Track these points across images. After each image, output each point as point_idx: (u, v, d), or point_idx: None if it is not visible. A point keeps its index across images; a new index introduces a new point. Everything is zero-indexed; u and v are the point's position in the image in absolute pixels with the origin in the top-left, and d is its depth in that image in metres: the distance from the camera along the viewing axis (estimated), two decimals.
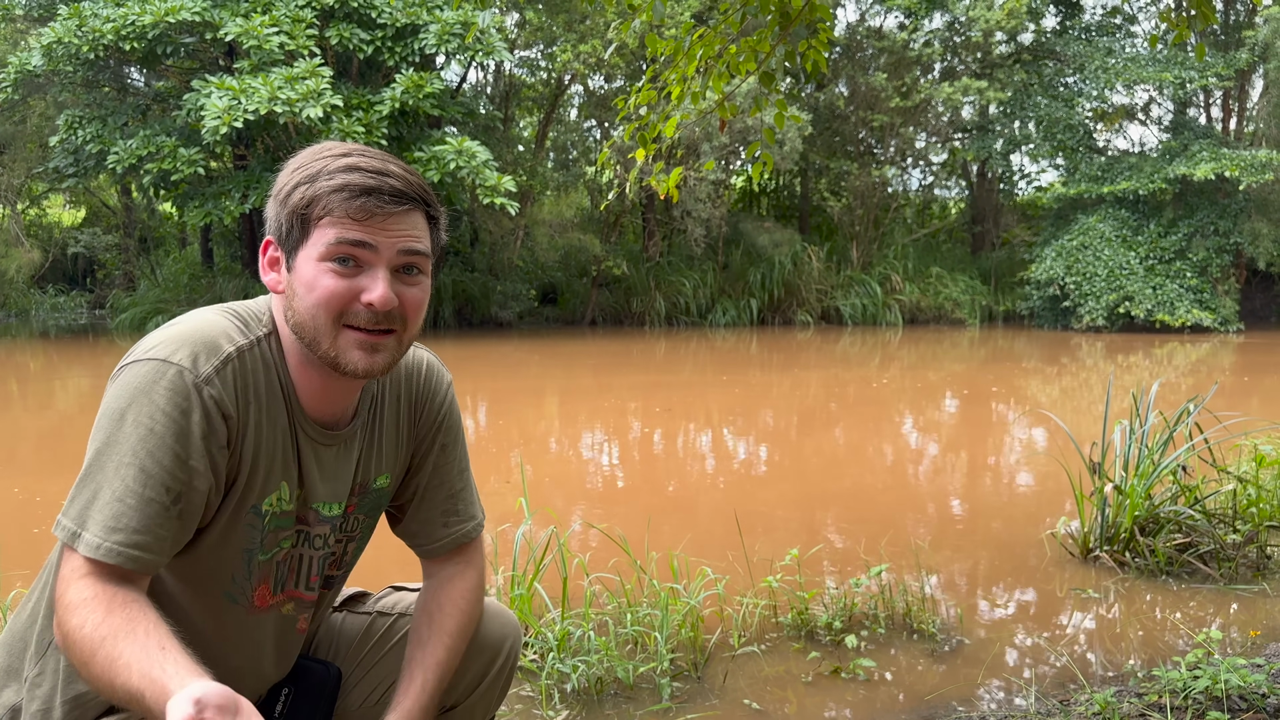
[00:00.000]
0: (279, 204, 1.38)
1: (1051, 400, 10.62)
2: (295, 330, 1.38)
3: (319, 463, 1.47)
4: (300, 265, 1.35)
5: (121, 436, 1.28)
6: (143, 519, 1.27)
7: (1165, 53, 20.17)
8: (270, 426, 1.40)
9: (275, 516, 1.44)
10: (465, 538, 1.68)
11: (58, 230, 26.99)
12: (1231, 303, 19.22)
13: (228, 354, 1.34)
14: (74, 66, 16.05)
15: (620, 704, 2.88)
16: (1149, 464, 4.18)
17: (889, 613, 3.53)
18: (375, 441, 1.56)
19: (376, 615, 1.73)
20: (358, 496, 1.56)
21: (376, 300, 1.32)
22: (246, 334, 1.39)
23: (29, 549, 4.71)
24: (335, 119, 14.99)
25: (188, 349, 1.32)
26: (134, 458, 1.28)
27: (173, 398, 1.29)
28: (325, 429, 1.47)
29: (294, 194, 1.35)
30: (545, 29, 19.10)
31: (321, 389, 1.44)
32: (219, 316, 1.39)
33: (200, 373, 1.31)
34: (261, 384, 1.39)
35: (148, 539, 1.28)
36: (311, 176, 1.34)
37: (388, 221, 1.33)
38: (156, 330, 1.37)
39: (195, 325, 1.35)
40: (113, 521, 1.26)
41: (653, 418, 9.61)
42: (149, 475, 1.27)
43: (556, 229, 20.76)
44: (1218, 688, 2.74)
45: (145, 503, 1.27)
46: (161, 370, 1.30)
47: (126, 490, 1.27)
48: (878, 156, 22.58)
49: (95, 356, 15.55)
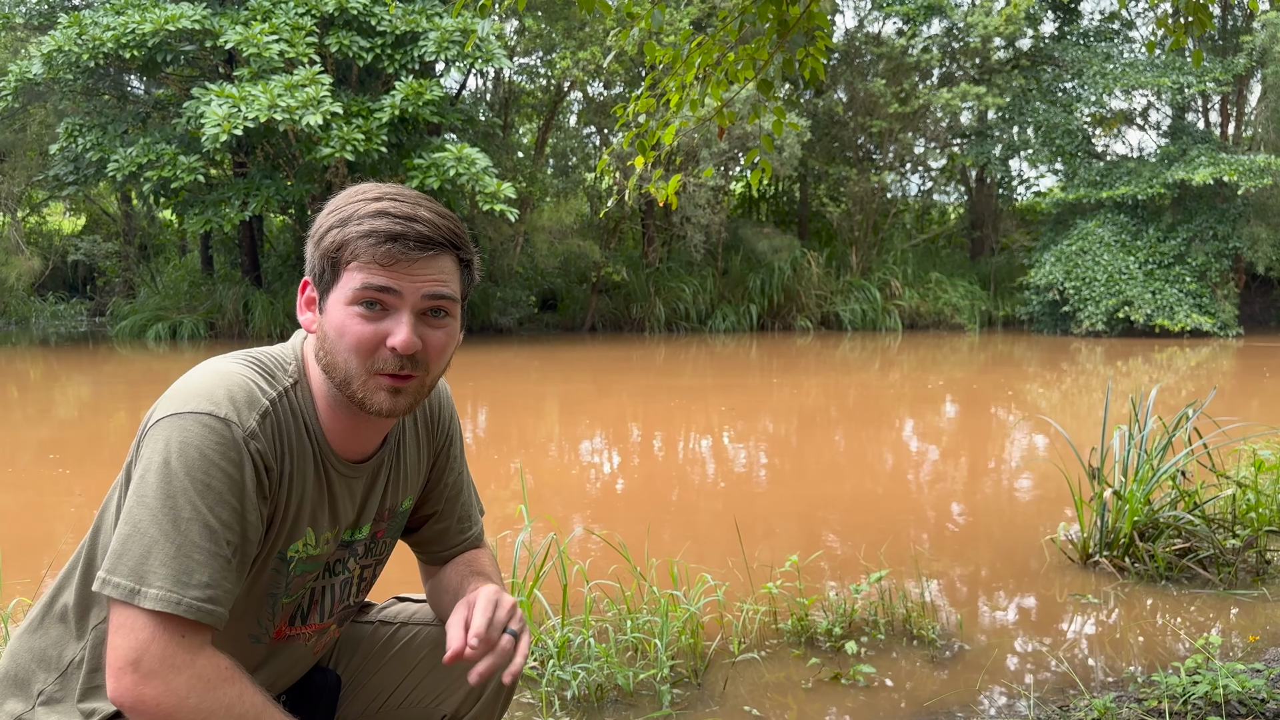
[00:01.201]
0: (314, 245, 1.38)
1: (1051, 405, 10.63)
2: (326, 370, 1.39)
3: (350, 495, 1.50)
4: (330, 308, 1.36)
5: (176, 490, 1.26)
6: (212, 573, 1.27)
7: (1163, 58, 20.21)
8: (300, 476, 1.41)
9: (301, 562, 1.46)
10: (477, 540, 1.74)
11: (58, 238, 27.02)
12: (1231, 307, 19.23)
13: (265, 408, 1.35)
14: (74, 74, 16.08)
15: (621, 711, 2.88)
16: (1148, 469, 4.18)
17: (889, 619, 3.53)
18: (401, 465, 1.58)
19: (379, 624, 1.74)
20: (386, 521, 1.59)
21: (399, 344, 1.33)
22: (274, 385, 1.39)
23: (30, 556, 4.71)
24: (335, 126, 15.02)
25: (228, 402, 1.31)
26: (195, 512, 1.26)
27: (226, 452, 1.29)
28: (355, 464, 1.49)
29: (326, 237, 1.35)
30: (544, 36, 19.14)
31: (351, 428, 1.45)
32: (243, 367, 1.38)
33: (247, 426, 1.31)
34: (292, 435, 1.39)
35: (219, 593, 1.27)
36: (343, 220, 1.35)
37: (413, 266, 1.34)
38: (185, 382, 1.35)
39: (227, 377, 1.35)
40: (185, 576, 1.25)
41: (653, 424, 9.62)
42: (212, 530, 1.27)
43: (556, 235, 20.78)
44: (1217, 693, 2.74)
45: (212, 557, 1.27)
46: (209, 424, 1.29)
47: (193, 545, 1.26)
48: (876, 162, 22.61)
49: (95, 364, 15.55)
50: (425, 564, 1.74)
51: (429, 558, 1.72)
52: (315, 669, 1.67)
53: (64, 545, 4.92)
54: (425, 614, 1.74)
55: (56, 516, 5.79)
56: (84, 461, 7.53)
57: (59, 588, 1.46)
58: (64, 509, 5.98)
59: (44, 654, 1.42)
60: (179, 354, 16.35)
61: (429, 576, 1.74)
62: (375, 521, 1.56)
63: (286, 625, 1.52)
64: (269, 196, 16.28)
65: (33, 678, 1.42)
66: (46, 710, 1.39)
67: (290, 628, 1.52)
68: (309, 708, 1.64)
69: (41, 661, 1.42)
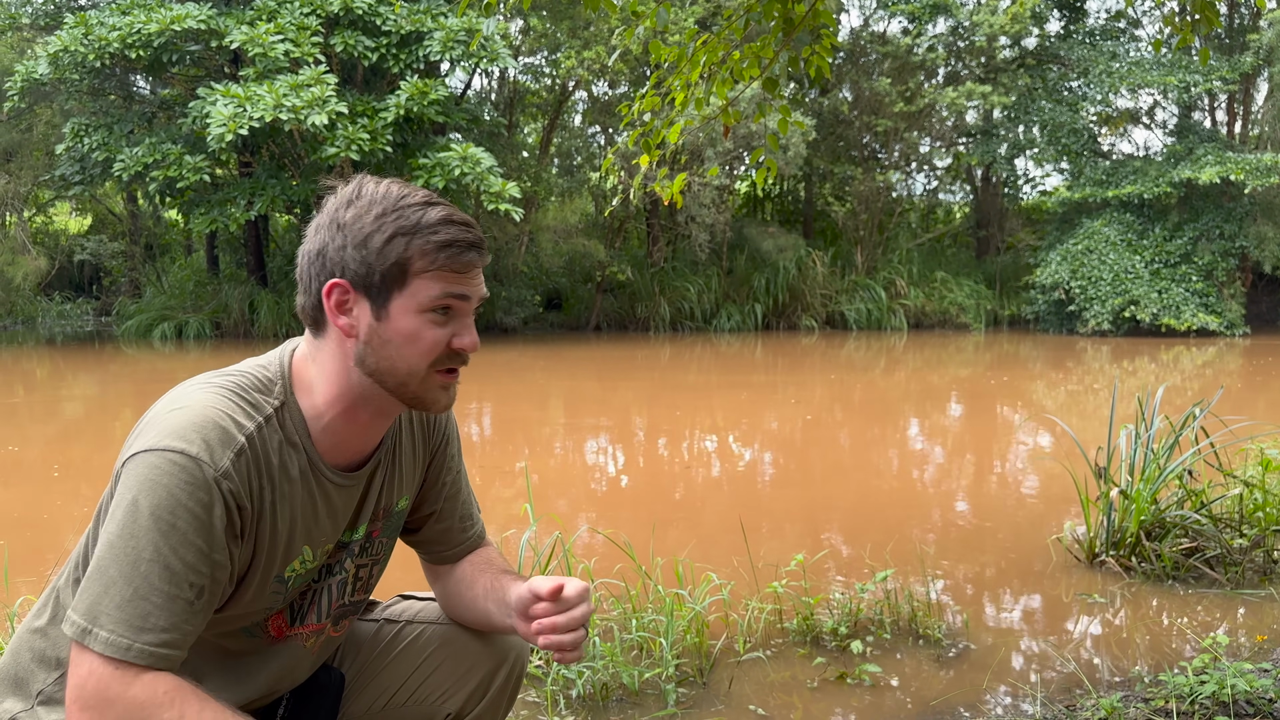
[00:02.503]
0: (366, 250, 1.34)
1: (1057, 404, 10.61)
2: (375, 375, 1.39)
3: (347, 501, 1.49)
4: (396, 315, 1.36)
5: (140, 531, 1.25)
6: (170, 617, 1.26)
7: (1170, 56, 20.16)
8: (285, 504, 1.40)
9: (299, 577, 1.47)
10: (481, 537, 1.74)
11: (64, 238, 27.08)
12: (1237, 306, 19.18)
13: (240, 445, 1.32)
14: (80, 75, 16.12)
15: (626, 710, 2.87)
16: (1155, 468, 4.17)
17: (894, 618, 3.52)
18: (396, 466, 1.58)
19: (384, 622, 1.74)
20: (381, 521, 1.59)
21: (469, 345, 1.39)
22: (255, 415, 1.36)
23: (36, 555, 4.72)
24: (340, 126, 15.04)
25: (201, 440, 1.29)
26: (156, 554, 1.25)
27: (194, 492, 1.27)
28: (350, 472, 1.48)
29: (392, 244, 1.34)
30: (549, 36, 19.15)
31: (349, 435, 1.44)
32: (224, 399, 1.35)
33: (219, 465, 1.29)
34: (274, 464, 1.37)
35: (175, 636, 1.27)
36: (410, 228, 1.34)
37: (476, 271, 1.40)
38: (161, 415, 1.33)
39: (203, 412, 1.32)
40: (139, 621, 1.24)
41: (657, 423, 9.61)
42: (173, 572, 1.26)
43: (561, 235, 20.79)
44: (1224, 693, 2.73)
45: (170, 600, 1.26)
46: (179, 463, 1.27)
47: (151, 588, 1.25)
48: (882, 161, 22.58)
49: (101, 364, 15.59)
50: (431, 564, 1.74)
51: (434, 558, 1.72)
52: (320, 668, 1.67)
53: (70, 544, 4.93)
54: (429, 612, 1.74)
55: (62, 515, 5.80)
56: (90, 460, 7.55)
57: (57, 589, 1.46)
58: (70, 508, 5.99)
59: (44, 654, 1.42)
60: (184, 353, 16.38)
61: (438, 577, 1.73)
62: (370, 522, 1.56)
63: (287, 626, 1.52)
64: (274, 196, 16.30)
65: (32, 677, 1.42)
66: (46, 709, 1.39)
67: (290, 628, 1.52)
68: (313, 706, 1.64)
69: (41, 661, 1.42)
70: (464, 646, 1.67)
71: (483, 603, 1.62)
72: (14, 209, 24.07)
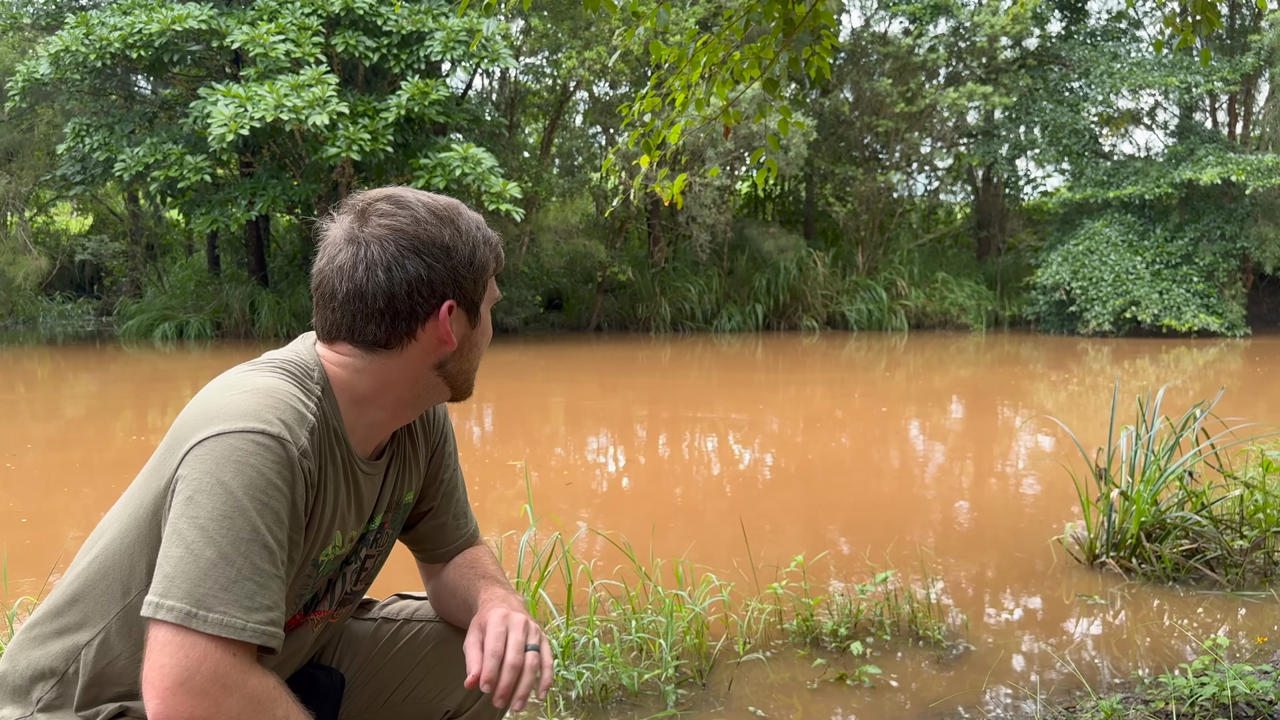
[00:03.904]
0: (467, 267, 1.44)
1: (1058, 405, 10.60)
2: (454, 375, 1.49)
3: (372, 490, 1.52)
4: (484, 315, 1.51)
5: (235, 511, 1.24)
6: (273, 595, 1.26)
7: (1171, 57, 20.15)
8: (333, 485, 1.41)
9: (329, 563, 1.48)
10: (474, 537, 1.76)
11: (65, 237, 27.10)
12: (1238, 307, 19.17)
13: (313, 424, 1.34)
14: (81, 75, 16.13)
15: (625, 711, 2.87)
16: (1155, 470, 4.17)
17: (894, 619, 3.52)
18: (405, 458, 1.60)
19: (382, 621, 1.75)
20: (392, 512, 1.60)
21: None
22: (310, 395, 1.38)
23: (36, 556, 4.72)
24: (341, 126, 15.05)
25: (278, 419, 1.29)
26: (255, 533, 1.24)
27: (281, 471, 1.27)
28: (372, 460, 1.51)
29: (477, 255, 1.45)
30: (550, 36, 19.15)
31: (373, 425, 1.47)
32: (285, 382, 1.36)
33: (300, 444, 1.30)
34: (328, 444, 1.39)
35: (279, 615, 1.27)
36: (484, 240, 1.47)
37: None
38: (225, 398, 1.32)
39: (272, 393, 1.33)
40: (248, 600, 1.23)
41: (658, 423, 9.61)
42: (271, 551, 1.26)
43: (562, 235, 20.79)
44: (1225, 694, 2.73)
45: (271, 579, 1.26)
46: (263, 443, 1.27)
47: (254, 569, 1.24)
48: (883, 162, 22.58)
49: (102, 364, 15.59)
50: (425, 563, 1.75)
51: (428, 556, 1.73)
52: (320, 668, 1.67)
53: (70, 545, 4.93)
54: (427, 610, 1.75)
55: (63, 516, 5.80)
56: (91, 461, 7.55)
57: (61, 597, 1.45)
58: (70, 509, 5.99)
59: (42, 661, 1.42)
60: (185, 353, 16.39)
61: (430, 576, 1.75)
62: (385, 512, 1.58)
63: (301, 613, 1.53)
64: (275, 196, 16.30)
65: (32, 684, 1.41)
66: (46, 716, 1.39)
67: (303, 615, 1.54)
68: (314, 707, 1.64)
69: (40, 668, 1.42)
70: (458, 647, 1.67)
71: (457, 607, 1.66)
72: (15, 209, 24.08)
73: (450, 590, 1.68)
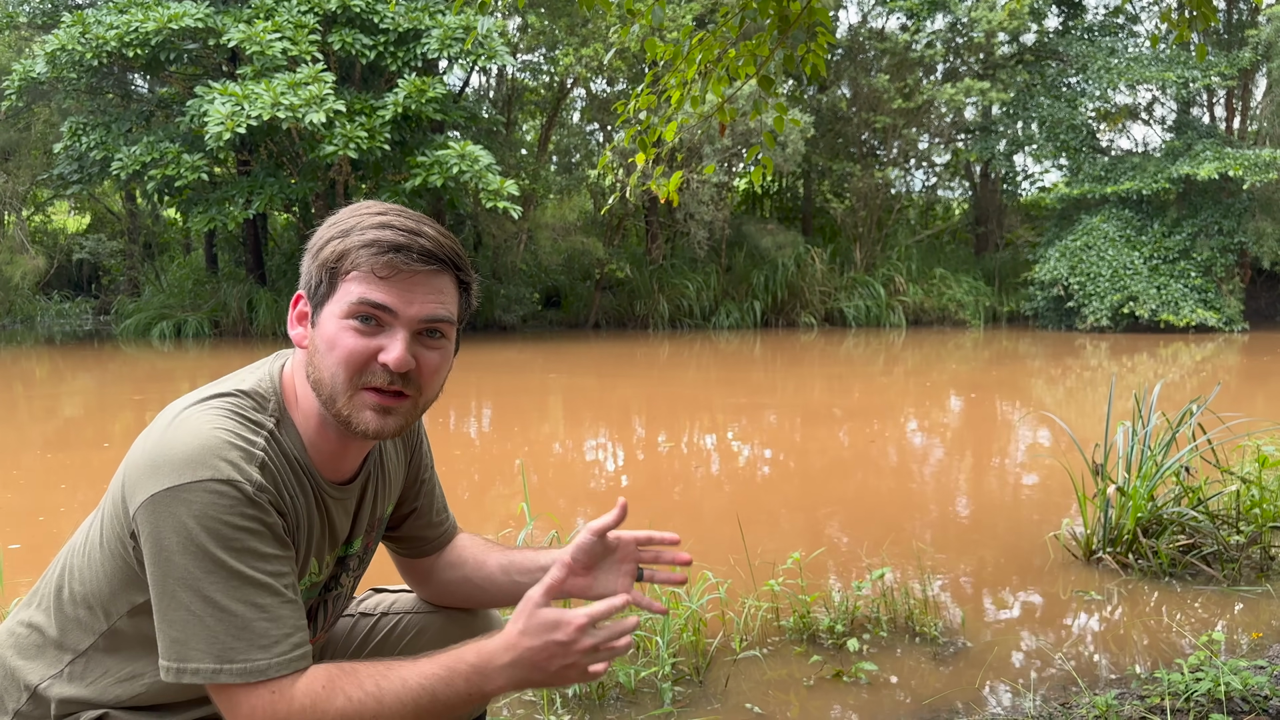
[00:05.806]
0: (311, 257, 1.35)
1: (1055, 401, 10.61)
2: (314, 387, 1.36)
3: (345, 514, 1.50)
4: (324, 321, 1.33)
5: (215, 566, 1.24)
6: (285, 624, 1.28)
7: (1168, 52, 20.14)
8: (304, 514, 1.41)
9: (306, 590, 1.47)
10: (455, 527, 1.77)
11: (62, 237, 27.08)
12: (1236, 302, 19.19)
13: (261, 459, 1.31)
14: (78, 73, 16.10)
15: (622, 708, 2.88)
16: (1152, 465, 4.17)
17: (891, 616, 3.52)
18: (384, 473, 1.59)
19: (359, 616, 1.76)
20: (375, 531, 1.61)
21: (392, 362, 1.30)
22: (259, 431, 1.35)
23: (33, 556, 4.73)
24: (338, 124, 15.03)
25: (224, 462, 1.26)
26: (244, 579, 1.25)
27: (244, 511, 1.26)
28: (343, 485, 1.48)
29: (326, 248, 1.33)
30: (547, 33, 19.13)
31: (338, 449, 1.43)
32: (224, 419, 1.32)
33: (254, 481, 1.28)
34: (288, 475, 1.37)
35: (298, 636, 1.29)
36: (345, 231, 1.32)
37: (413, 280, 1.31)
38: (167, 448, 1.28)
39: (213, 435, 1.29)
40: (261, 639, 1.25)
41: (655, 420, 9.61)
42: (267, 585, 1.27)
43: (559, 232, 20.77)
44: (1220, 690, 2.73)
45: (280, 607, 1.28)
46: (216, 490, 1.24)
47: (256, 610, 1.25)
48: (880, 158, 22.57)
49: (100, 363, 15.58)
50: (410, 559, 1.74)
51: (412, 552, 1.73)
52: None
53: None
54: (404, 603, 1.76)
55: (60, 516, 5.80)
56: (88, 461, 7.54)
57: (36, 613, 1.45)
58: (68, 509, 5.99)
59: (17, 674, 1.42)
60: (183, 352, 16.38)
61: (422, 570, 1.74)
62: (365, 534, 1.58)
63: None
64: (273, 195, 16.29)
65: (6, 694, 1.43)
66: None
67: None
68: None
69: (14, 681, 1.42)
70: (441, 631, 1.69)
71: (504, 577, 1.65)
72: (12, 208, 24.06)
73: (476, 565, 1.69)
